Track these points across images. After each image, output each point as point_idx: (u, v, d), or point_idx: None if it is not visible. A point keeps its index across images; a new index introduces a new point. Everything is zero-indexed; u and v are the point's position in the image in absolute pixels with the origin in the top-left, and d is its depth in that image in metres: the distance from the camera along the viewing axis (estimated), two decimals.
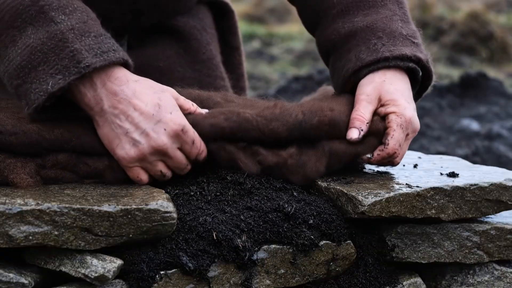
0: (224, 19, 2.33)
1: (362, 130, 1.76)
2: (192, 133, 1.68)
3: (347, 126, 1.79)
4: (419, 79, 1.87)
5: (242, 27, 9.51)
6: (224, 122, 1.73)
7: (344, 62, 1.86)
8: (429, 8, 9.39)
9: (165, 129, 1.65)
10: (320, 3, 1.94)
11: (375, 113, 1.81)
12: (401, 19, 1.86)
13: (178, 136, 1.67)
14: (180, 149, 1.68)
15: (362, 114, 1.78)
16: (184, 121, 1.67)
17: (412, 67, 1.82)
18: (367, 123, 1.77)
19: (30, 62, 1.64)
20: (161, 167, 1.68)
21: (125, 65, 1.68)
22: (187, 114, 1.71)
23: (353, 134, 1.77)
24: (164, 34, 2.15)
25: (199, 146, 1.70)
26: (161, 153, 1.67)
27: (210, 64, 2.22)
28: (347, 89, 1.86)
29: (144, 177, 1.68)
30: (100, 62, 1.62)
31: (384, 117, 1.79)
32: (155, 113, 1.65)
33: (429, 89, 1.91)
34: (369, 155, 1.79)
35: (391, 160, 1.80)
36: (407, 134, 1.79)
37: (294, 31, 9.52)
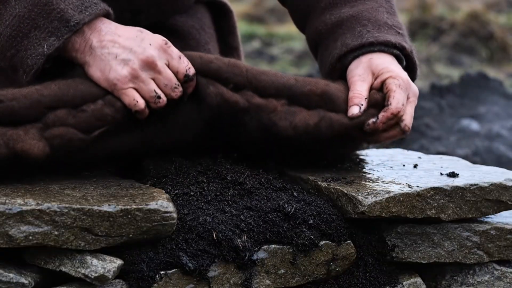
0: (223, 19, 2.34)
1: (362, 105, 1.77)
2: (177, 50, 1.74)
3: (343, 101, 1.78)
4: (403, 68, 1.87)
5: (242, 27, 9.51)
6: (214, 59, 1.76)
7: (330, 50, 1.89)
8: (429, 8, 9.38)
9: (150, 44, 1.72)
10: None
11: (371, 88, 1.81)
12: (387, 11, 1.90)
13: (163, 49, 1.72)
14: (168, 66, 1.72)
15: (359, 91, 1.79)
16: (166, 39, 1.74)
17: (397, 53, 1.84)
18: (366, 98, 1.78)
19: (20, 31, 1.71)
20: (154, 86, 1.70)
21: (107, 15, 1.77)
22: None
23: (354, 110, 1.77)
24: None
25: (187, 61, 1.74)
26: (151, 66, 1.70)
27: None
28: (335, 76, 1.87)
29: (140, 100, 1.69)
30: (87, 17, 1.71)
31: (382, 88, 1.80)
32: (139, 35, 1.73)
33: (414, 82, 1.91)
34: (374, 119, 1.77)
35: (398, 122, 1.78)
36: (408, 97, 1.80)
37: (294, 31, 9.50)
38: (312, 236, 1.69)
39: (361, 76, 1.81)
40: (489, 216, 1.88)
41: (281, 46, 8.88)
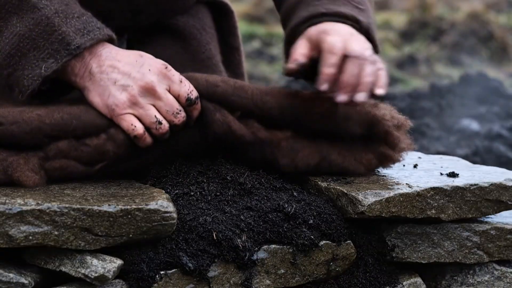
0: (223, 20, 2.34)
1: (297, 61, 1.75)
2: (178, 73, 1.71)
3: (343, 119, 1.78)
4: None
5: (242, 27, 9.50)
6: (220, 82, 1.75)
7: (288, 26, 1.89)
8: (429, 8, 9.38)
9: (149, 69, 1.69)
10: None
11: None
12: None
13: (163, 74, 1.70)
14: (169, 91, 1.70)
15: (299, 48, 1.76)
16: (167, 63, 1.72)
17: (350, 24, 1.80)
18: (303, 54, 1.75)
19: (19, 50, 1.69)
20: (154, 111, 1.68)
21: (110, 40, 1.75)
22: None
23: (290, 65, 1.76)
24: (164, 34, 2.17)
25: (188, 85, 1.71)
26: (150, 92, 1.68)
27: (210, 63, 2.23)
28: (288, 50, 1.84)
29: (138, 124, 1.67)
30: (89, 42, 1.69)
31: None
32: (138, 59, 1.71)
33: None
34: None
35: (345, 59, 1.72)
36: (347, 38, 1.75)
37: None
38: (312, 236, 1.69)
39: (304, 35, 1.79)
40: (489, 216, 1.88)
41: (281, 46, 8.87)
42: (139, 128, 1.67)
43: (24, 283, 1.50)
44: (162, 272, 1.57)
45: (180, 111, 1.70)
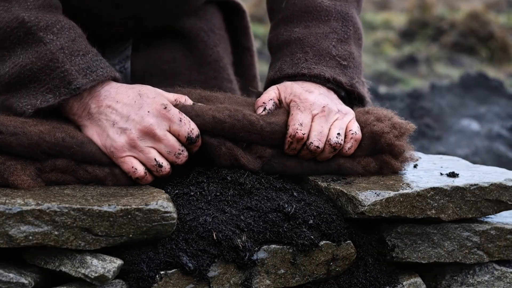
0: (235, 19, 2.31)
1: (265, 105, 1.79)
2: (178, 112, 1.69)
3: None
4: (344, 98, 1.88)
5: None
6: (227, 118, 1.73)
7: (271, 68, 1.93)
8: (429, 8, 9.39)
9: (148, 111, 1.67)
10: (273, 3, 1.98)
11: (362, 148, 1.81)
12: (338, 38, 1.87)
13: (162, 115, 1.68)
14: (170, 131, 1.69)
15: (264, 98, 1.81)
16: (166, 101, 1.69)
17: (331, 87, 1.84)
18: (270, 99, 1.79)
19: (20, 80, 1.68)
20: (154, 154, 1.67)
21: (114, 80, 1.73)
22: (181, 106, 1.73)
23: (258, 110, 1.79)
24: (170, 36, 2.14)
25: (188, 123, 1.69)
26: (150, 135, 1.67)
27: (217, 66, 2.20)
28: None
29: (139, 167, 1.66)
30: (90, 83, 1.67)
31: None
32: (137, 100, 1.68)
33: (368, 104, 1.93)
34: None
35: (303, 145, 1.76)
36: (314, 114, 1.77)
37: None
38: (312, 236, 1.69)
39: (274, 86, 1.84)
40: (489, 216, 1.88)
41: None
42: (140, 170, 1.67)
43: (24, 283, 1.50)
44: (162, 272, 1.57)
45: (182, 151, 1.69)
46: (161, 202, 1.58)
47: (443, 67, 8.06)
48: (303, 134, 1.74)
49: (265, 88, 1.91)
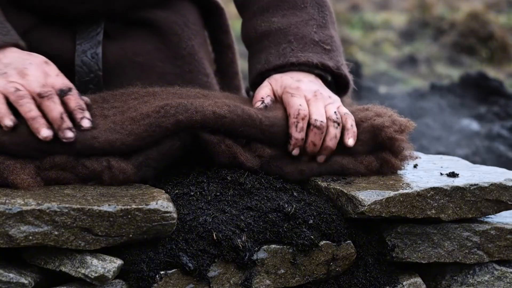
0: (213, 17, 2.30)
1: (263, 100, 1.83)
2: (56, 68, 1.72)
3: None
4: (331, 83, 1.91)
5: None
6: (228, 113, 1.74)
7: (255, 61, 1.93)
8: (429, 8, 9.39)
9: (30, 62, 1.71)
10: None
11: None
12: (317, 24, 1.90)
13: (42, 67, 1.71)
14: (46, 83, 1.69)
15: (261, 93, 1.84)
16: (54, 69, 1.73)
17: (318, 73, 1.87)
18: (268, 95, 1.83)
19: None
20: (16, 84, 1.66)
21: (16, 46, 1.77)
22: (179, 102, 1.73)
23: (256, 105, 1.82)
24: (144, 29, 2.10)
25: (63, 79, 1.71)
26: (21, 74, 1.67)
27: (192, 59, 2.16)
28: (255, 88, 1.92)
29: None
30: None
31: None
32: (24, 56, 1.74)
33: (349, 91, 1.96)
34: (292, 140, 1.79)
35: (309, 122, 1.78)
36: (308, 98, 1.80)
37: None
38: (312, 236, 1.69)
39: (268, 82, 1.86)
40: (489, 216, 1.88)
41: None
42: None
43: (24, 283, 1.50)
44: (162, 272, 1.57)
45: (50, 92, 1.67)
46: (161, 202, 1.58)
47: (443, 67, 8.06)
48: (306, 112, 1.76)
49: (252, 82, 1.94)
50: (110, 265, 1.53)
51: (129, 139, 1.69)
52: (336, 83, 1.93)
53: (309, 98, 1.81)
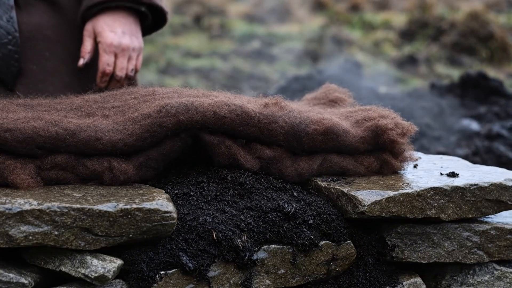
0: None
1: (84, 58, 2.25)
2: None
3: (344, 135, 1.82)
4: (146, 14, 2.29)
5: (242, 27, 9.52)
6: (228, 113, 1.74)
7: (85, 2, 2.27)
8: (429, 8, 9.39)
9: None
10: None
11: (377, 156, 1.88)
12: None
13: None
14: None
15: (85, 47, 2.25)
16: None
17: (131, 6, 2.25)
18: (88, 52, 2.25)
19: None
20: None
21: None
22: (181, 101, 1.75)
23: (79, 62, 2.24)
24: (47, 4, 2.30)
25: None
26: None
27: (81, 33, 2.36)
28: (84, 23, 2.28)
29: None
30: None
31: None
32: None
33: (166, 24, 2.38)
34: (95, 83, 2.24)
35: (112, 79, 2.24)
36: (117, 54, 2.24)
37: (294, 31, 9.51)
38: (312, 236, 1.69)
39: (87, 31, 2.25)
40: (489, 216, 1.88)
41: (281, 46, 8.88)
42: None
43: (24, 283, 1.50)
44: (162, 272, 1.57)
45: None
46: (161, 202, 1.58)
47: (443, 67, 8.06)
48: (111, 69, 2.23)
49: (81, 18, 2.27)
50: (110, 265, 1.53)
51: (131, 139, 1.69)
52: (154, 15, 2.32)
53: (117, 54, 2.23)
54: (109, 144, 1.68)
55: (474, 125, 5.44)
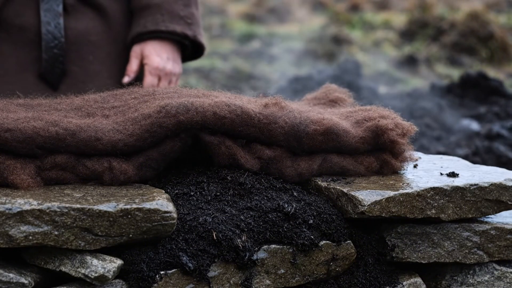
0: None
1: (129, 76, 2.45)
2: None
3: (344, 135, 1.82)
4: (188, 46, 2.53)
5: (242, 27, 9.52)
6: (227, 114, 1.74)
7: (136, 25, 2.49)
8: (429, 8, 9.39)
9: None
10: None
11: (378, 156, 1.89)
12: (183, 3, 2.53)
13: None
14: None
15: (131, 66, 2.46)
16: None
17: (178, 39, 2.50)
18: (134, 72, 2.46)
19: None
20: None
21: None
22: (180, 102, 1.75)
23: (124, 79, 2.45)
24: (94, 10, 2.49)
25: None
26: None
27: (124, 43, 2.55)
28: (132, 44, 2.49)
29: None
30: None
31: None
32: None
33: (204, 54, 2.62)
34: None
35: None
36: (160, 77, 2.46)
37: (294, 31, 9.51)
38: (312, 236, 1.69)
39: (135, 53, 2.47)
40: (489, 216, 1.88)
41: (281, 46, 8.88)
42: None
43: (24, 283, 1.50)
44: (162, 272, 1.57)
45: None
46: (161, 202, 1.58)
47: (443, 67, 8.06)
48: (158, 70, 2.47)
49: (131, 39, 2.48)
50: (110, 265, 1.53)
51: (131, 139, 1.69)
52: (194, 47, 2.56)
53: (160, 77, 2.46)
54: (109, 144, 1.68)
55: (474, 125, 5.44)
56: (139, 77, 2.50)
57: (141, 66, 2.48)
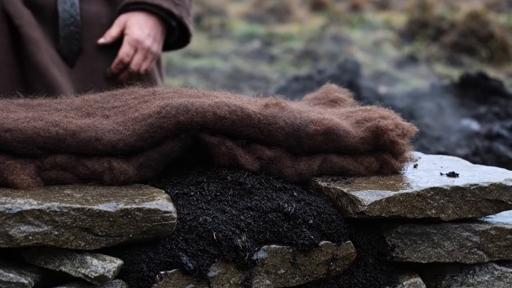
0: None
1: (106, 39, 2.48)
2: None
3: (344, 135, 1.82)
4: (175, 29, 2.54)
5: (242, 27, 9.52)
6: (228, 114, 1.74)
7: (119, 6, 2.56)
8: (429, 8, 9.39)
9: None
10: None
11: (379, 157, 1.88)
12: None
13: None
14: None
15: (111, 31, 2.49)
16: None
17: (163, 16, 2.50)
18: (111, 37, 2.48)
19: None
20: None
21: None
22: (180, 102, 1.75)
23: (100, 40, 2.49)
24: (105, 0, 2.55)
25: None
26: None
27: None
28: (118, 15, 2.51)
29: None
30: None
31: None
32: None
33: (190, 39, 2.62)
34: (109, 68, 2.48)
35: (126, 68, 2.47)
36: (137, 49, 2.47)
37: (294, 31, 9.52)
38: (312, 236, 1.69)
39: (119, 23, 2.49)
40: (489, 216, 1.88)
41: (281, 46, 8.89)
42: None
43: (24, 283, 1.50)
44: (162, 272, 1.57)
45: None
46: (161, 202, 1.58)
47: (443, 67, 8.07)
48: (128, 59, 2.47)
49: (119, 12, 2.51)
50: (110, 265, 1.53)
51: (131, 139, 1.69)
52: (180, 32, 2.56)
53: (137, 49, 2.47)
54: (109, 144, 1.68)
55: (474, 125, 5.44)
56: (117, 46, 2.51)
57: (121, 36, 2.49)
